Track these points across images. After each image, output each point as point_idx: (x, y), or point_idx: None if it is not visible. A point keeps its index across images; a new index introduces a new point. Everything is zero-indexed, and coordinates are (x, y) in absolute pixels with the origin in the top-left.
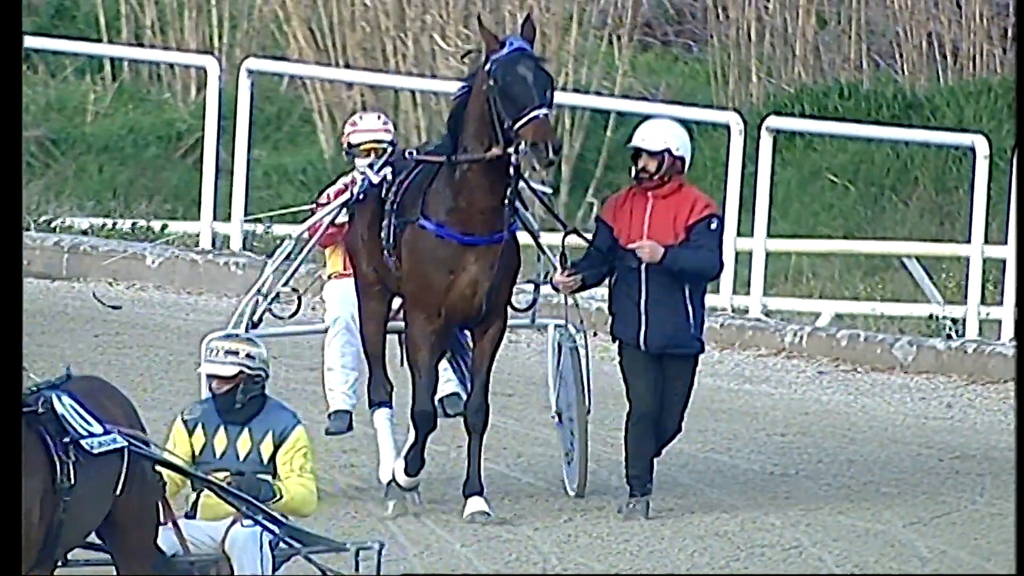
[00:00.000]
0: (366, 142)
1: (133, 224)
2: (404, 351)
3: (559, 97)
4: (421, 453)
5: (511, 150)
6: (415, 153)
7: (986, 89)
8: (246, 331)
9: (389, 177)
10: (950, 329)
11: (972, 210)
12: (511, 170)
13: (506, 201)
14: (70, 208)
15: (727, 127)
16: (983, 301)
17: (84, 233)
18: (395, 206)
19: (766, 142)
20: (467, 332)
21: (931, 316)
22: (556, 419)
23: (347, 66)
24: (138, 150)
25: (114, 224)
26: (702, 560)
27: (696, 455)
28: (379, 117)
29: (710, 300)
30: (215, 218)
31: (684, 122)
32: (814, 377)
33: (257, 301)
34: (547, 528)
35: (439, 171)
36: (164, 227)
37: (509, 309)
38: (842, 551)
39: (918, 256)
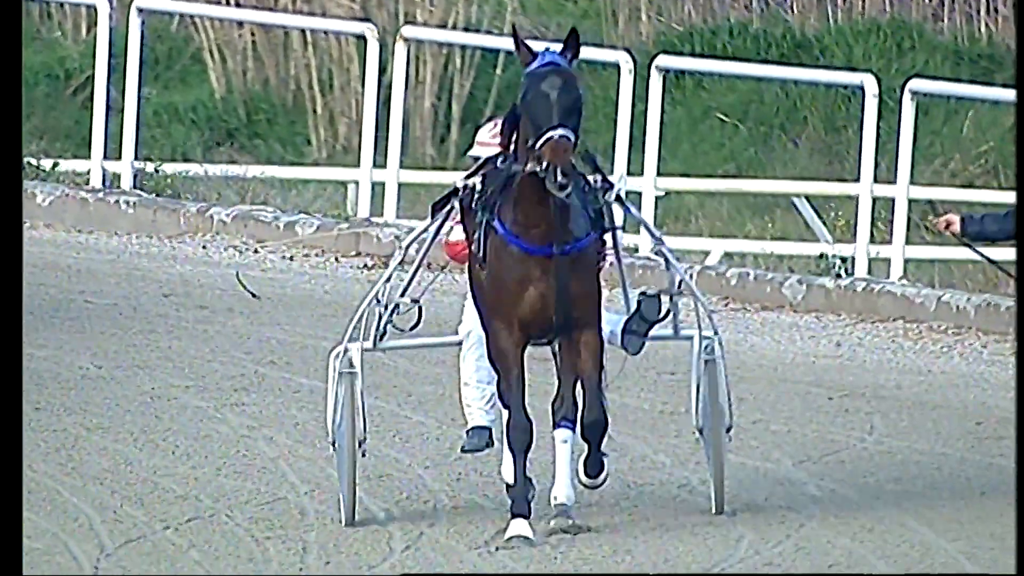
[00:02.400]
0: (478, 157)
1: (24, 162)
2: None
3: (450, 36)
4: (524, 476)
5: (538, 167)
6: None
7: (875, 28)
8: (374, 345)
9: (479, 186)
10: (839, 268)
11: (861, 149)
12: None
13: (560, 213)
14: None
15: (617, 66)
16: (872, 240)
17: None
18: (483, 215)
19: (656, 81)
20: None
21: (820, 255)
22: (699, 435)
23: (238, 5)
24: (28, 88)
25: None
26: (592, 498)
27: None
28: (493, 126)
29: None
30: (105, 157)
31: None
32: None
33: (378, 312)
34: (437, 467)
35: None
36: (55, 165)
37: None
38: (731, 489)
39: (807, 195)
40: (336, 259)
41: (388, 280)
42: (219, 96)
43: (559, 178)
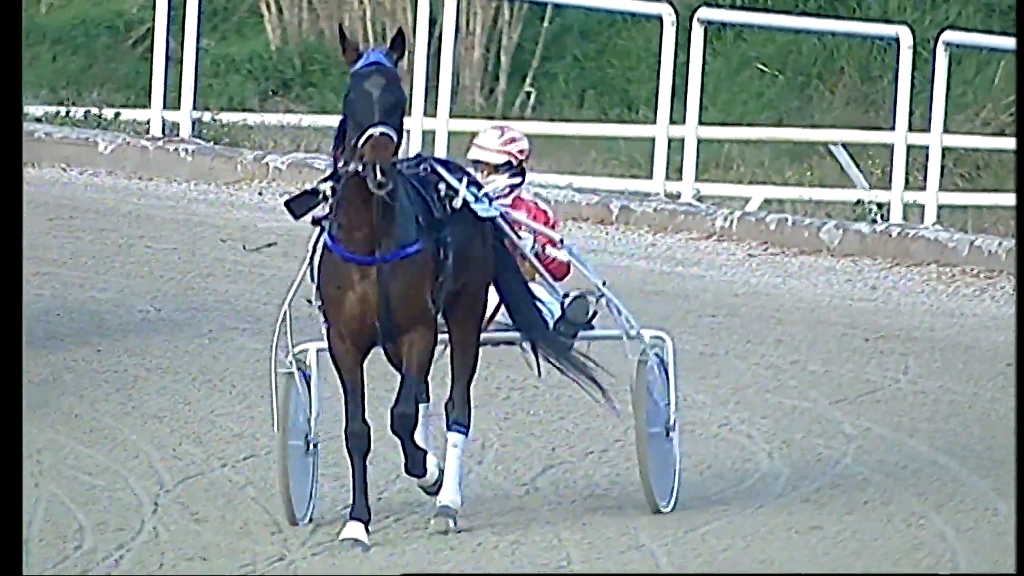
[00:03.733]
0: (476, 160)
1: (86, 112)
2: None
3: None
4: (364, 481)
5: (359, 168)
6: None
7: None
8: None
9: (328, 192)
10: (875, 213)
11: (896, 98)
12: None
13: (384, 216)
14: (24, 96)
15: (660, 18)
16: (907, 186)
17: (38, 120)
18: (325, 224)
19: (697, 33)
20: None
21: (857, 201)
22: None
23: None
24: (89, 40)
25: (67, 112)
26: (633, 436)
27: None
28: (501, 134)
29: (643, 185)
30: (165, 106)
31: (618, 14)
32: (743, 260)
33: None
34: (485, 406)
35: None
36: (117, 115)
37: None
38: (770, 428)
39: (844, 143)
40: None
41: (299, 284)
42: (275, 47)
43: (378, 176)
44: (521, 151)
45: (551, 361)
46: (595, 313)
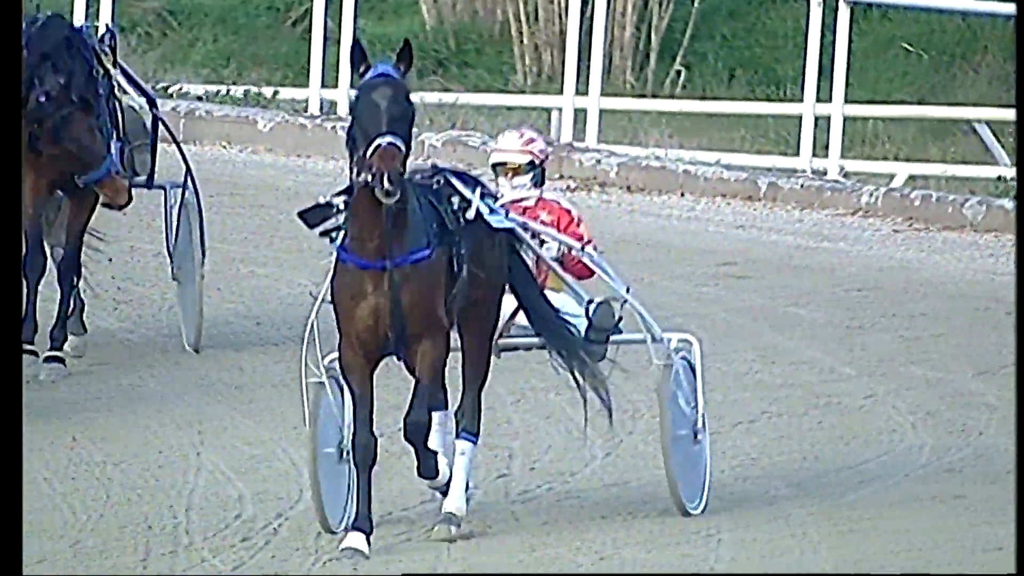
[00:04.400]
0: (499, 163)
1: (246, 91)
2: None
3: None
4: (368, 492)
5: (368, 176)
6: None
7: None
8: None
9: (340, 206)
10: (1017, 190)
11: None
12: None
13: (394, 224)
14: (186, 75)
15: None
16: None
17: (199, 99)
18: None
19: (844, 13)
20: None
21: (999, 177)
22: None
23: None
24: (250, 20)
25: (227, 90)
26: (780, 408)
27: (776, 309)
28: (520, 135)
29: (790, 162)
30: (323, 85)
31: None
32: (888, 235)
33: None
34: (636, 378)
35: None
36: (275, 93)
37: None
38: (914, 399)
39: (987, 120)
40: None
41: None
42: (430, 27)
43: (386, 184)
44: (541, 150)
45: (572, 371)
46: (621, 318)
